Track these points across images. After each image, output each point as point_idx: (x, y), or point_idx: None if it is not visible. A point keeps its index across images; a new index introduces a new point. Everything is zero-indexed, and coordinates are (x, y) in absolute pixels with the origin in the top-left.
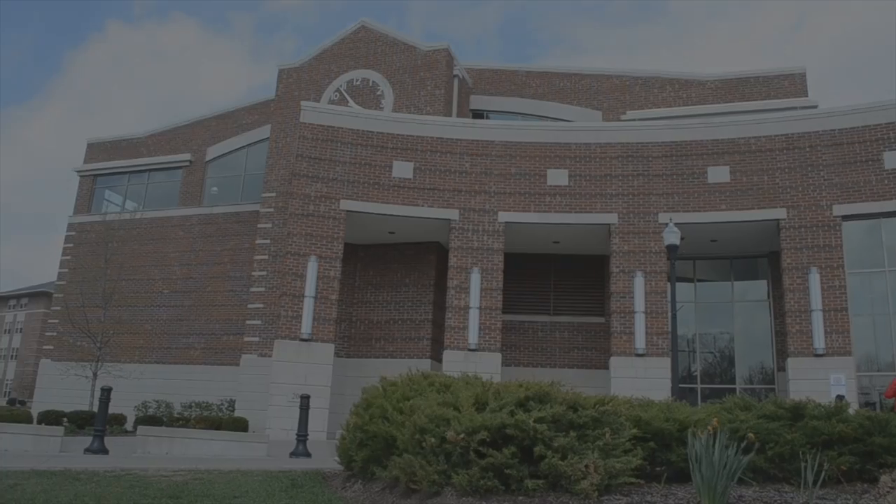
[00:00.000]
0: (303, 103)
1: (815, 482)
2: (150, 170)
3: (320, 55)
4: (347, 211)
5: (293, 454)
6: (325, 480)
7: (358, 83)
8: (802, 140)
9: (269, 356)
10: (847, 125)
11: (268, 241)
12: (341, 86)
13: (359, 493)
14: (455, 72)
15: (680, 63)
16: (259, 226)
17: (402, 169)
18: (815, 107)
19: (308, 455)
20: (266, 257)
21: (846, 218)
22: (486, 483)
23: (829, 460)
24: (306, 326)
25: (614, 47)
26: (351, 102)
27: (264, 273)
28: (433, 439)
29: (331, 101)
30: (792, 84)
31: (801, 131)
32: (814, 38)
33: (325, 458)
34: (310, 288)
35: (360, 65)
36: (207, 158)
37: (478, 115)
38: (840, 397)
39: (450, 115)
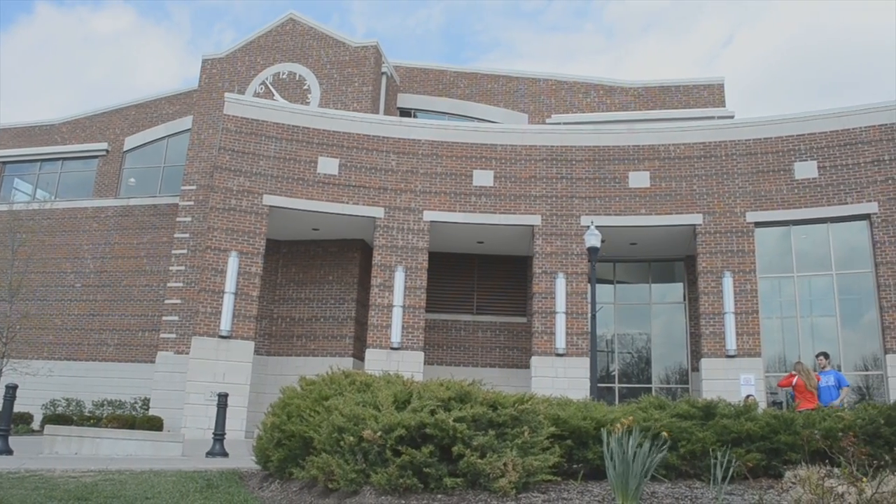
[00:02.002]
0: (226, 95)
1: (723, 478)
2: (64, 158)
3: (246, 46)
4: (270, 206)
5: (209, 454)
6: (242, 480)
7: (284, 77)
8: (719, 149)
9: (187, 353)
10: (761, 136)
11: (187, 236)
12: (267, 79)
13: (276, 492)
14: (384, 69)
15: (613, 71)
16: (178, 219)
17: (328, 165)
18: (732, 117)
19: (225, 455)
20: (185, 252)
21: (758, 224)
22: (404, 481)
23: (737, 457)
24: (225, 323)
25: (551, 53)
26: (277, 96)
27: (183, 268)
28: (351, 438)
29: (256, 94)
30: (711, 94)
31: (717, 140)
32: (741, 54)
33: (242, 457)
34: (230, 284)
35: (287, 58)
36: (125, 148)
37: (405, 113)
38: (749, 396)
39: (377, 112)
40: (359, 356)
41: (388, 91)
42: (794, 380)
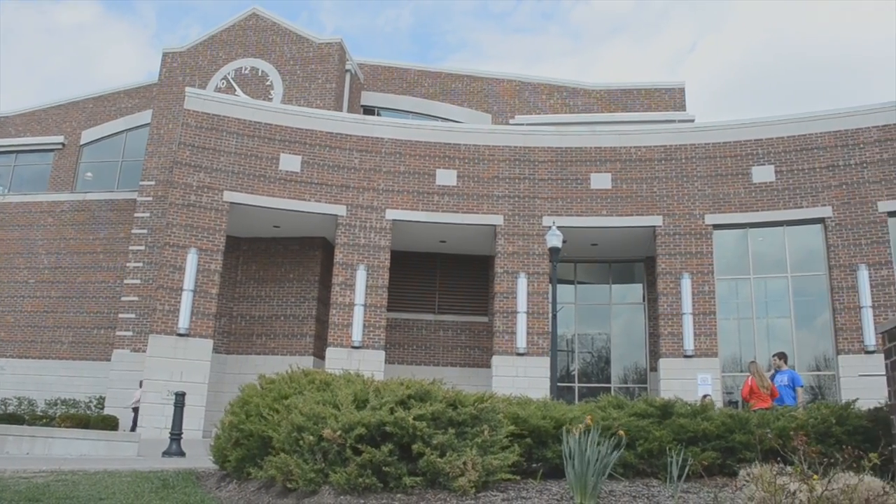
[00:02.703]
0: (187, 90)
1: (679, 476)
2: (18, 151)
3: (208, 41)
4: (231, 203)
5: (166, 453)
6: (199, 480)
7: (247, 72)
8: (679, 152)
9: (143, 351)
10: (720, 140)
11: (145, 232)
12: (229, 74)
13: (233, 492)
14: (347, 66)
15: (580, 75)
16: (136, 215)
17: (290, 162)
18: (693, 121)
19: (182, 454)
20: (142, 248)
21: (717, 227)
22: (364, 481)
23: (693, 456)
24: (184, 321)
25: (518, 55)
26: (238, 91)
27: (140, 265)
28: (311, 437)
29: (217, 89)
30: (672, 98)
31: (678, 143)
32: (704, 61)
33: (200, 457)
34: (189, 281)
35: (250, 53)
36: (82, 142)
37: (369, 111)
38: (706, 396)
39: (340, 109)
40: (319, 355)
41: (351, 89)
42: (749, 379)
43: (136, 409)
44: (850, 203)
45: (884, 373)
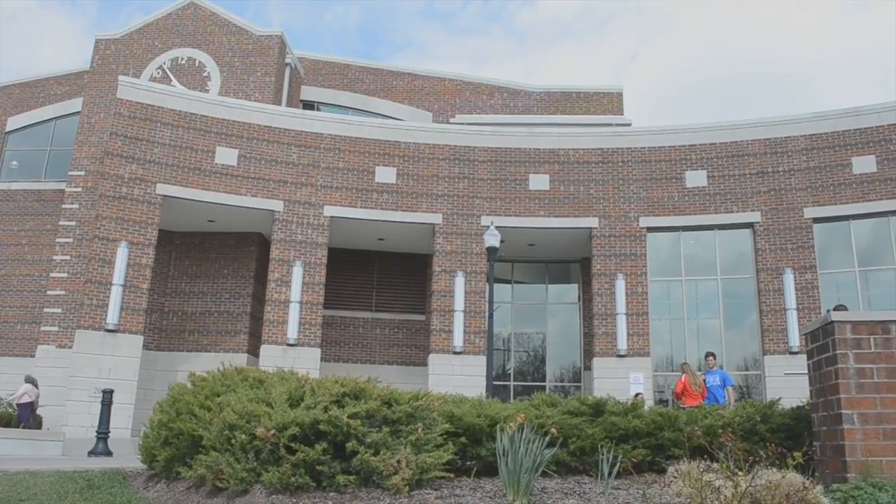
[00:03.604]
0: (120, 78)
1: (610, 473)
2: None
3: (144, 28)
4: (164, 196)
5: (92, 453)
6: (126, 480)
7: (183, 62)
8: (616, 155)
9: (70, 348)
10: (655, 144)
11: (73, 224)
12: (165, 63)
13: (161, 492)
14: (288, 60)
15: (526, 78)
16: (64, 206)
17: (226, 155)
18: (629, 125)
19: (109, 454)
20: (70, 241)
21: (651, 230)
22: (297, 480)
23: (624, 453)
24: (112, 316)
25: (464, 55)
26: (174, 81)
27: (68, 258)
28: (243, 436)
29: (152, 79)
30: (610, 102)
31: (614, 147)
32: (646, 69)
33: (127, 456)
34: (118, 275)
35: (187, 43)
36: (8, 129)
37: (308, 106)
38: (638, 395)
39: (279, 103)
40: (253, 352)
41: (291, 82)
42: (683, 377)
43: (24, 405)
44: (778, 209)
45: (806, 372)
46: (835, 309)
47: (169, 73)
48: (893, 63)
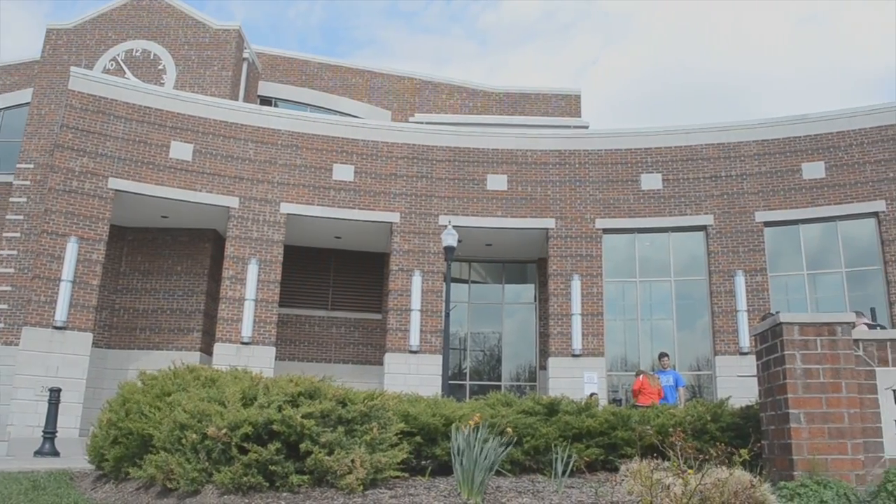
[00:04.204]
0: (72, 69)
1: (564, 472)
2: None
3: (98, 19)
4: (116, 190)
5: (38, 453)
6: (74, 481)
7: (138, 54)
8: (573, 157)
9: (16, 345)
10: (612, 146)
11: (21, 218)
12: (119, 55)
13: (110, 493)
14: (245, 55)
15: (486, 79)
16: (11, 199)
17: (181, 150)
18: (587, 127)
19: (56, 454)
20: (18, 235)
21: (606, 231)
22: (249, 480)
23: (577, 452)
24: (61, 313)
25: (425, 55)
26: (128, 74)
27: (14, 252)
28: (194, 436)
29: (106, 71)
30: (568, 104)
31: (572, 148)
32: (606, 73)
33: (75, 457)
34: (67, 271)
35: (143, 35)
36: None
37: (266, 101)
38: (593, 394)
39: (236, 98)
40: (207, 351)
41: (248, 78)
42: (641, 377)
43: None
44: (730, 212)
45: (755, 374)
46: (762, 319)
47: (123, 65)
48: (840, 74)
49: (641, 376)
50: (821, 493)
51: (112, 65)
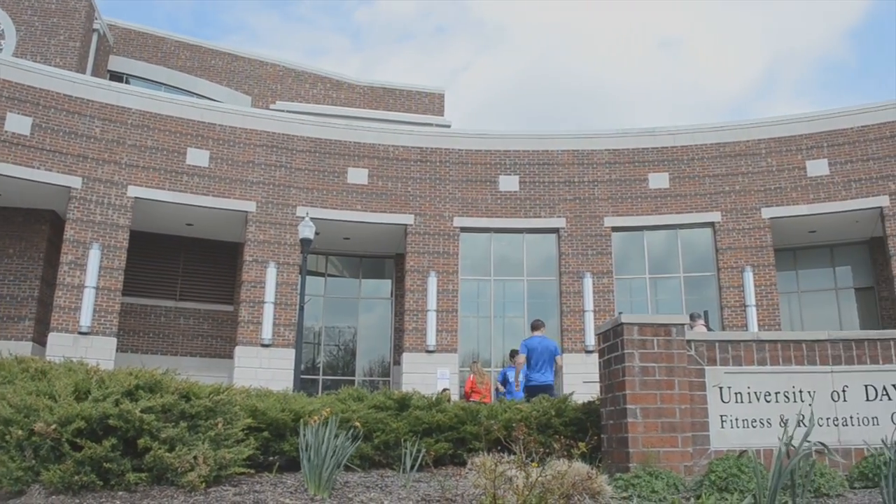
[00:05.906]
0: None
1: (413, 467)
2: None
3: None
4: None
5: None
6: None
7: None
8: (434, 155)
9: None
10: (473, 147)
11: None
12: None
13: None
14: (96, 26)
15: (358, 74)
16: None
17: (18, 123)
18: (449, 126)
19: None
20: None
21: (464, 230)
22: (81, 478)
23: (427, 447)
24: None
25: (297, 46)
26: None
27: None
28: (20, 432)
29: None
30: (432, 102)
31: (433, 146)
32: (477, 79)
33: None
34: None
35: None
36: None
37: (116, 77)
38: (446, 390)
39: (84, 72)
40: (40, 341)
41: (98, 50)
42: (471, 376)
43: None
44: (581, 216)
45: (598, 379)
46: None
47: None
48: (692, 93)
49: (471, 375)
50: (652, 484)
51: None
